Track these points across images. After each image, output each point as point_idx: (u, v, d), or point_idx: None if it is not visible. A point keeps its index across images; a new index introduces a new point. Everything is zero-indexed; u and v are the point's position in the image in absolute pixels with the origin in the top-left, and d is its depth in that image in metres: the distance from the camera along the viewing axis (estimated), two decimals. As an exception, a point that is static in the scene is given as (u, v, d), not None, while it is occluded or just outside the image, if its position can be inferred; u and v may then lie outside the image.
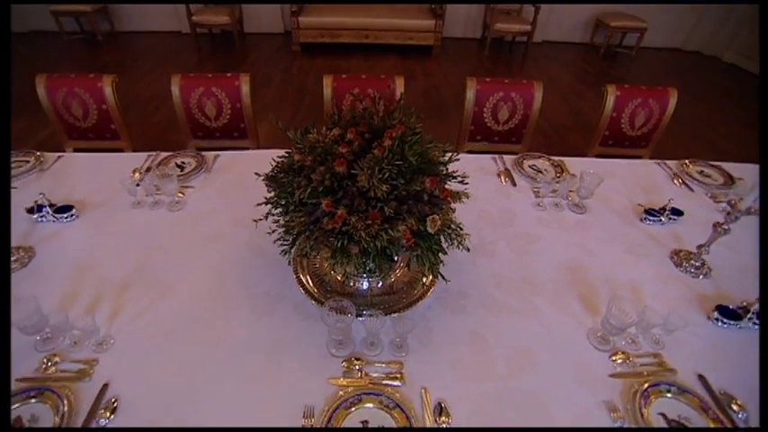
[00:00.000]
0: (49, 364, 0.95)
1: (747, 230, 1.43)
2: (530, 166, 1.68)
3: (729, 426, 0.89)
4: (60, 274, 1.17)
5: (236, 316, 1.06)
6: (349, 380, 0.92)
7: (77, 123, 2.03)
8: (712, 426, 0.89)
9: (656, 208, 1.47)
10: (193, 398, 0.89)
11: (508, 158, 1.73)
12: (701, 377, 0.99)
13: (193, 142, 2.12)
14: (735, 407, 0.93)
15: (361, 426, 0.85)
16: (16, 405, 0.86)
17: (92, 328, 0.98)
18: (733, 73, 5.16)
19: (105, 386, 0.91)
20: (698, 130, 3.74)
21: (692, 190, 1.65)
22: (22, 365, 0.94)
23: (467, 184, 1.00)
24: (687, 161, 1.78)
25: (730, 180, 1.69)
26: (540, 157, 1.74)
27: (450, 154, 1.02)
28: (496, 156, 1.75)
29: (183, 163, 1.62)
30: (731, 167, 1.79)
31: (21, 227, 1.31)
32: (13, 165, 1.59)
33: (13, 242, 1.22)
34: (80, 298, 1.10)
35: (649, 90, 2.09)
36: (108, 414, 0.86)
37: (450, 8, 5.32)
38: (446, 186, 0.97)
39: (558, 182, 1.53)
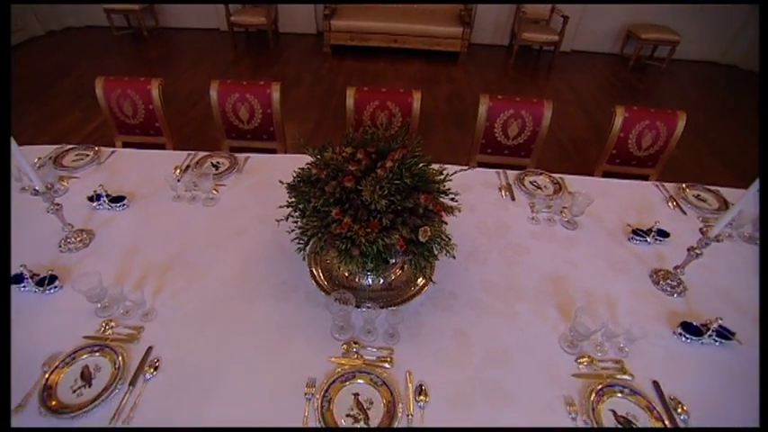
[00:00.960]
0: (107, 327, 1.17)
1: (728, 254, 1.54)
2: (530, 182, 1.82)
3: (670, 425, 1.03)
4: (115, 255, 1.39)
5: (256, 299, 1.26)
6: (346, 359, 1.11)
7: (127, 120, 2.28)
8: (656, 425, 1.03)
9: (644, 229, 1.59)
10: (219, 363, 1.09)
11: (511, 173, 1.87)
12: (655, 383, 1.12)
13: (227, 142, 2.34)
14: (680, 410, 1.06)
15: (353, 398, 1.03)
16: (84, 356, 1.08)
17: (140, 301, 1.19)
18: None
19: (150, 349, 1.12)
20: (720, 148, 3.74)
21: (684, 213, 1.75)
22: (87, 326, 1.16)
23: (457, 201, 1.15)
24: (684, 185, 1.87)
25: (725, 205, 1.78)
26: (540, 174, 1.87)
27: (444, 174, 1.17)
28: (501, 171, 1.89)
29: (217, 163, 1.83)
30: (729, 192, 1.87)
31: (83, 212, 1.54)
32: (75, 157, 1.85)
33: (77, 225, 1.46)
34: (130, 275, 1.32)
35: (657, 112, 2.17)
36: (152, 371, 1.07)
37: (479, 14, 5.42)
38: (441, 200, 1.14)
39: (552, 198, 1.66)
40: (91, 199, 1.58)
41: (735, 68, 5.58)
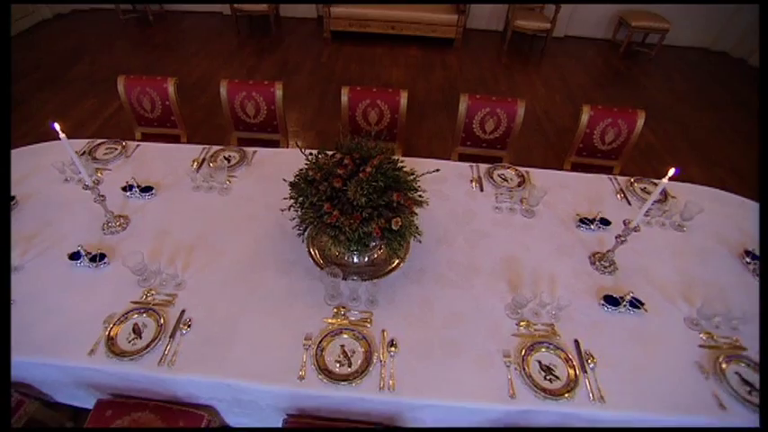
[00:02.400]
0: (148, 294, 1.49)
1: (657, 239, 1.83)
2: (499, 175, 2.10)
3: (580, 373, 1.35)
4: (148, 236, 1.70)
5: (265, 272, 1.57)
6: (336, 320, 1.43)
7: (146, 114, 2.55)
8: (570, 372, 1.35)
9: (590, 217, 1.89)
10: (237, 321, 1.42)
11: (483, 166, 2.15)
12: (576, 341, 1.44)
13: (235, 133, 2.62)
14: (590, 362, 1.39)
15: (340, 348, 1.36)
16: (134, 316, 1.41)
17: (173, 274, 1.51)
18: (755, 79, 5.19)
19: (183, 311, 1.45)
20: (695, 138, 3.97)
21: (629, 204, 2.03)
22: (132, 293, 1.48)
23: (424, 197, 1.44)
24: (633, 179, 2.15)
25: (665, 198, 2.07)
26: (508, 168, 2.15)
27: (414, 175, 1.46)
28: (474, 164, 2.17)
29: (229, 156, 2.12)
30: (672, 186, 2.14)
31: (118, 200, 1.84)
32: (105, 151, 2.13)
33: (115, 212, 1.76)
34: (163, 254, 1.63)
35: (619, 111, 2.43)
36: (186, 327, 1.40)
37: (476, 0, 5.54)
38: (412, 196, 1.43)
39: (512, 190, 1.95)
40: (124, 189, 1.88)
41: (725, 56, 5.72)
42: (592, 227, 1.86)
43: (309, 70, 4.62)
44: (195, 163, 2.07)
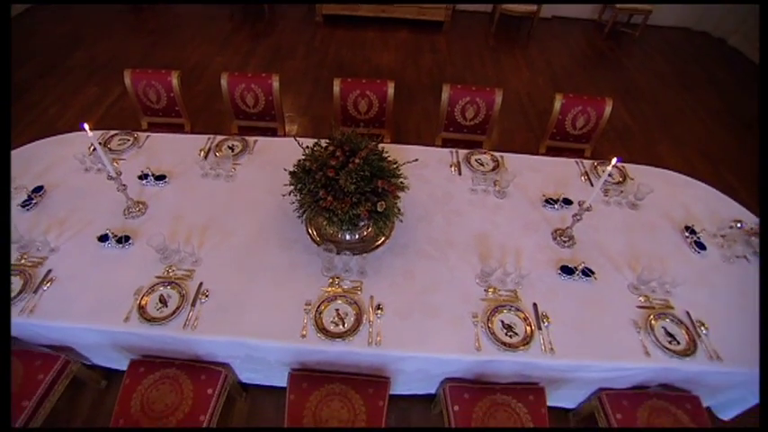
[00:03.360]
0: (170, 270, 1.74)
1: (614, 217, 2.09)
2: (476, 160, 2.33)
3: (535, 329, 1.63)
4: (165, 220, 1.94)
5: (270, 249, 1.82)
6: (331, 288, 1.69)
7: (151, 105, 2.74)
8: (527, 329, 1.63)
9: (554, 198, 2.14)
10: (247, 292, 1.67)
11: (462, 152, 2.38)
12: (534, 304, 1.71)
13: (236, 122, 2.82)
14: (545, 321, 1.66)
15: (335, 311, 1.62)
16: (159, 288, 1.66)
17: (191, 252, 1.75)
18: (733, 61, 5.35)
19: (201, 283, 1.70)
20: (670, 122, 4.19)
21: (592, 185, 2.28)
22: (156, 269, 1.73)
23: (406, 183, 1.68)
24: (596, 162, 2.39)
25: (624, 179, 2.31)
26: (485, 153, 2.38)
27: (396, 165, 1.69)
28: (453, 150, 2.39)
29: (232, 145, 2.33)
30: (632, 168, 2.39)
31: (136, 188, 2.06)
32: (119, 141, 2.34)
33: (134, 199, 1.98)
34: (179, 235, 1.87)
35: (589, 99, 2.65)
36: (204, 297, 1.65)
37: (465, -18, 5.62)
38: (395, 182, 1.67)
39: (485, 174, 2.19)
40: (140, 177, 2.10)
41: (706, 36, 5.88)
42: (555, 206, 2.11)
43: (303, 55, 4.75)
44: (202, 152, 2.29)
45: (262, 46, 4.91)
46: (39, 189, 2.03)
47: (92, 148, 2.28)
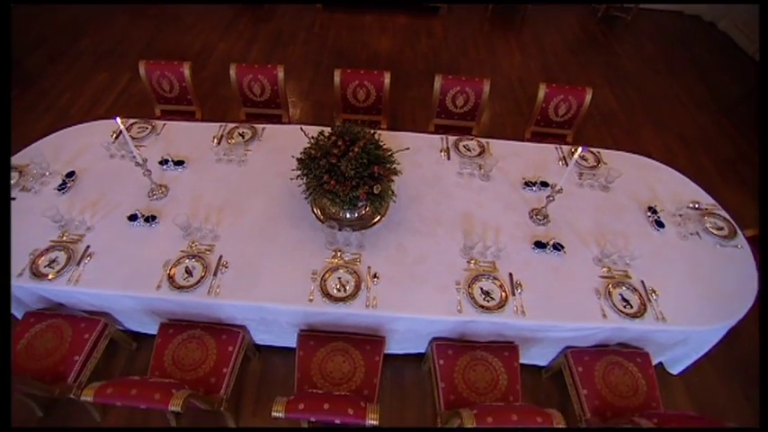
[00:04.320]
0: (192, 245, 1.99)
1: (587, 198, 2.33)
2: (464, 146, 2.56)
3: (510, 293, 1.89)
4: (185, 201, 2.18)
5: (279, 226, 2.07)
6: (334, 260, 1.95)
7: (165, 94, 2.94)
8: (502, 295, 1.90)
9: (533, 181, 2.38)
10: (261, 263, 1.93)
11: (451, 138, 2.61)
12: (510, 274, 1.98)
13: (243, 109, 3.03)
14: (519, 289, 1.93)
15: (337, 279, 1.88)
16: (185, 261, 1.92)
17: (211, 229, 2.01)
18: (720, 45, 5.48)
19: (221, 256, 1.96)
20: (654, 107, 4.38)
21: (572, 164, 2.51)
22: (180, 245, 1.98)
23: (399, 168, 1.92)
24: (573, 148, 2.61)
25: (597, 163, 2.55)
26: (472, 139, 2.61)
27: (390, 152, 1.93)
28: (444, 136, 2.62)
29: (243, 132, 2.55)
30: (607, 154, 2.62)
31: (157, 173, 2.29)
32: (138, 129, 2.56)
33: (157, 182, 2.22)
34: (199, 214, 2.12)
35: (570, 89, 2.86)
36: (224, 268, 1.92)
37: (461, -35, 5.70)
38: (389, 167, 1.90)
39: (471, 158, 2.43)
40: (161, 163, 2.34)
41: (697, 19, 5.99)
42: (534, 188, 2.35)
43: (303, 40, 4.90)
44: (215, 139, 2.51)
45: (263, 32, 5.04)
46: (71, 174, 2.26)
47: (114, 136, 2.51)
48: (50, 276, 1.85)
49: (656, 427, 1.54)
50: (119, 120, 1.88)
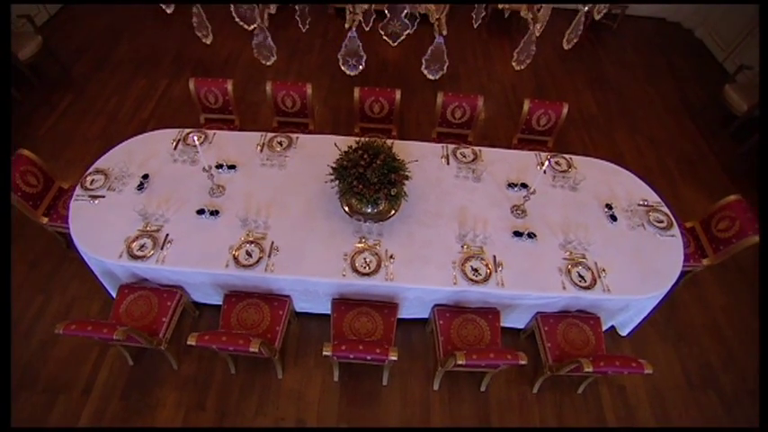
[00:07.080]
0: (249, 234, 2.59)
1: (558, 196, 2.92)
2: (460, 153, 3.14)
3: (493, 270, 2.50)
4: (239, 199, 2.77)
5: (316, 219, 2.66)
6: (361, 244, 2.55)
7: (209, 105, 3.51)
8: (488, 272, 2.50)
9: (516, 182, 2.96)
10: (303, 248, 2.53)
11: (450, 146, 3.18)
12: (494, 256, 2.58)
13: (275, 118, 3.59)
14: (500, 268, 2.53)
15: (363, 259, 2.48)
16: (246, 246, 2.51)
17: (263, 221, 2.60)
18: (695, 52, 5.95)
19: (272, 242, 2.55)
20: (629, 111, 4.93)
21: (545, 173, 3.10)
22: (239, 233, 2.58)
23: (410, 174, 2.50)
24: (549, 155, 3.19)
25: (569, 168, 3.13)
26: (467, 148, 3.18)
27: (404, 163, 2.51)
28: (444, 144, 3.19)
29: (281, 141, 3.12)
30: (578, 160, 3.20)
31: (214, 175, 2.87)
32: (196, 139, 3.12)
33: (216, 183, 2.80)
34: (251, 209, 2.71)
35: (550, 103, 3.42)
36: (276, 251, 2.51)
37: (461, -25, 6.18)
38: (402, 174, 2.49)
39: (466, 163, 3.01)
40: (217, 167, 2.91)
41: (677, 27, 6.49)
42: (515, 189, 2.94)
43: (319, 49, 5.41)
44: (258, 147, 3.09)
45: (282, 39, 5.53)
46: (146, 176, 2.84)
47: (174, 143, 3.08)
48: (147, 255, 2.44)
49: (599, 370, 2.15)
50: (196, 139, 2.44)
